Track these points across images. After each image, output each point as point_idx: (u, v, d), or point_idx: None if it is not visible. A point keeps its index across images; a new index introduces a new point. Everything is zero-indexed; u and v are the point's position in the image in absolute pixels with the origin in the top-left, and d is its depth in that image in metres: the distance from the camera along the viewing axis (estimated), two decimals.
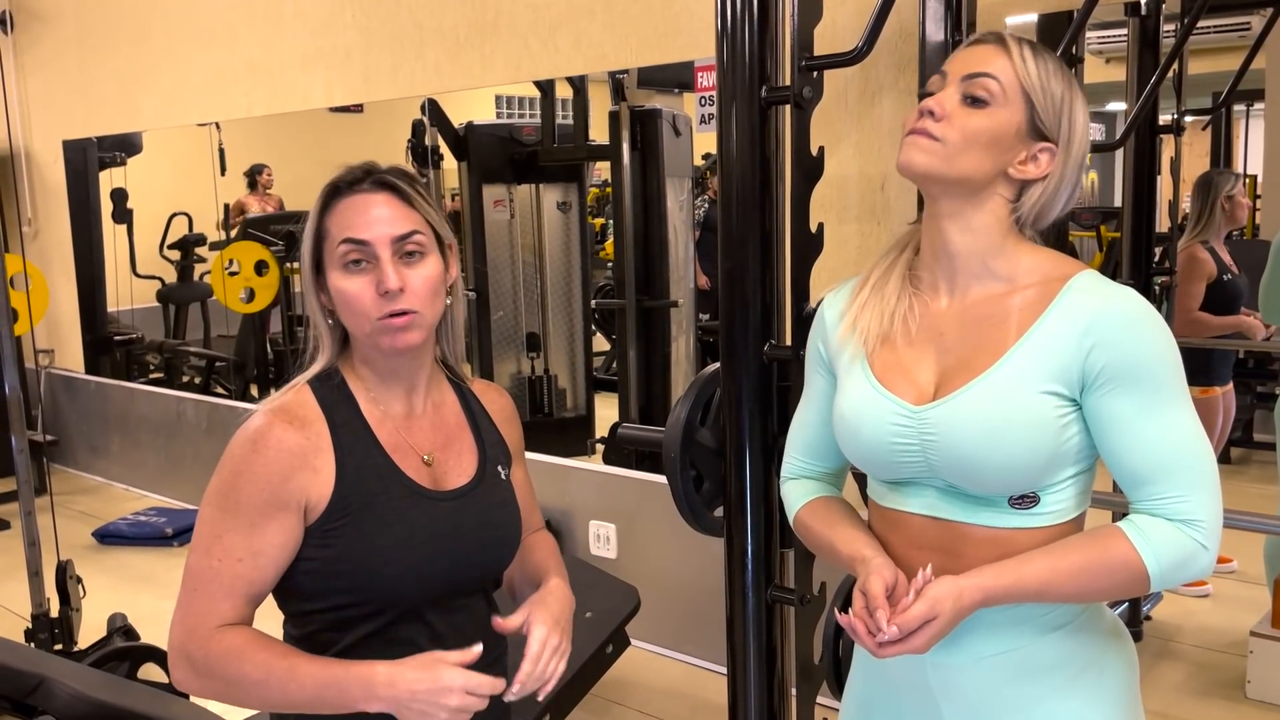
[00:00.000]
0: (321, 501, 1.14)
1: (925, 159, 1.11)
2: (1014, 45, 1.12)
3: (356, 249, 1.15)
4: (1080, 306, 1.09)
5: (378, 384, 1.22)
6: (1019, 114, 1.11)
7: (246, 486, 1.13)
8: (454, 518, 1.21)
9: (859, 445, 1.19)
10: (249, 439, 1.15)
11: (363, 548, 1.15)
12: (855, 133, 2.62)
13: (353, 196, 1.18)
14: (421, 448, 1.23)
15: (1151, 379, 1.07)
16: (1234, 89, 3.14)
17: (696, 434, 1.82)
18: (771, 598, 1.77)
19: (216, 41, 4.29)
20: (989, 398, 1.09)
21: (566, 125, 5.19)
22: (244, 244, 5.13)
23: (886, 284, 1.21)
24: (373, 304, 1.15)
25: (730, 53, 1.68)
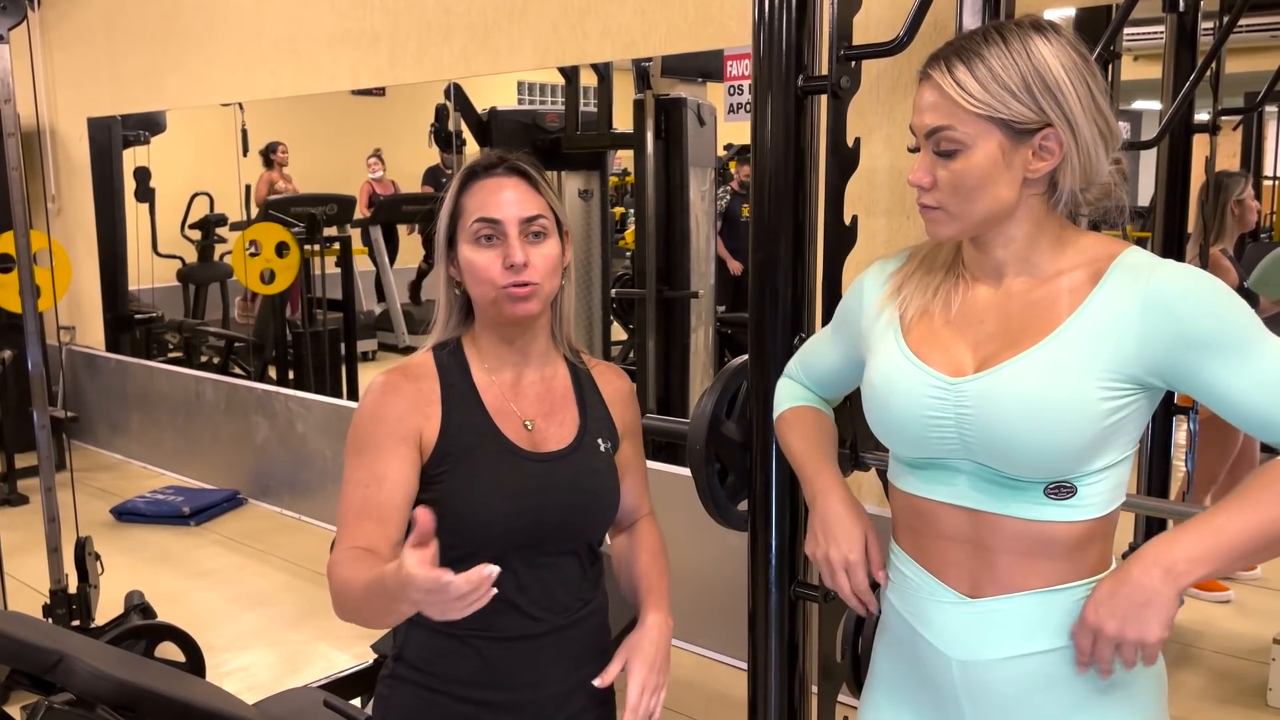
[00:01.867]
0: (429, 447, 1.28)
1: (945, 229, 1.13)
2: (944, 76, 1.06)
3: (488, 226, 1.29)
4: (1133, 283, 1.06)
5: (492, 352, 1.35)
6: (994, 137, 1.06)
7: (369, 424, 1.28)
8: (543, 478, 1.32)
9: (888, 418, 1.16)
10: (373, 389, 1.31)
11: (457, 494, 1.27)
12: (886, 125, 2.59)
13: (487, 180, 1.31)
14: (524, 413, 1.34)
15: (1229, 333, 1.03)
16: (1271, 89, 3.08)
17: (722, 426, 1.80)
18: (795, 594, 1.75)
19: (244, 21, 4.28)
20: (1034, 374, 1.06)
21: (589, 113, 5.17)
22: (265, 225, 5.14)
23: (935, 260, 1.20)
24: (499, 274, 1.28)
25: (767, 41, 1.65)
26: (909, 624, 1.20)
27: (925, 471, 1.16)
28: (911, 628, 1.19)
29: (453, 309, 1.36)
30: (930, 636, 1.17)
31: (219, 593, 3.66)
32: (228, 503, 4.50)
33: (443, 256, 1.34)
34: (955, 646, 1.15)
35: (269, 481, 4.51)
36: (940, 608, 1.16)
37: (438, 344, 1.35)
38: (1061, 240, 1.13)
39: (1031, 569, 1.11)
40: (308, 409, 4.34)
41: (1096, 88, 1.07)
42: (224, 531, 4.27)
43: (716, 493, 1.80)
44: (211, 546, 4.12)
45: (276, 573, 3.84)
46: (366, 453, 1.27)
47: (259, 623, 3.42)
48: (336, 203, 6.67)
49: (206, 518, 4.36)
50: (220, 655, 3.10)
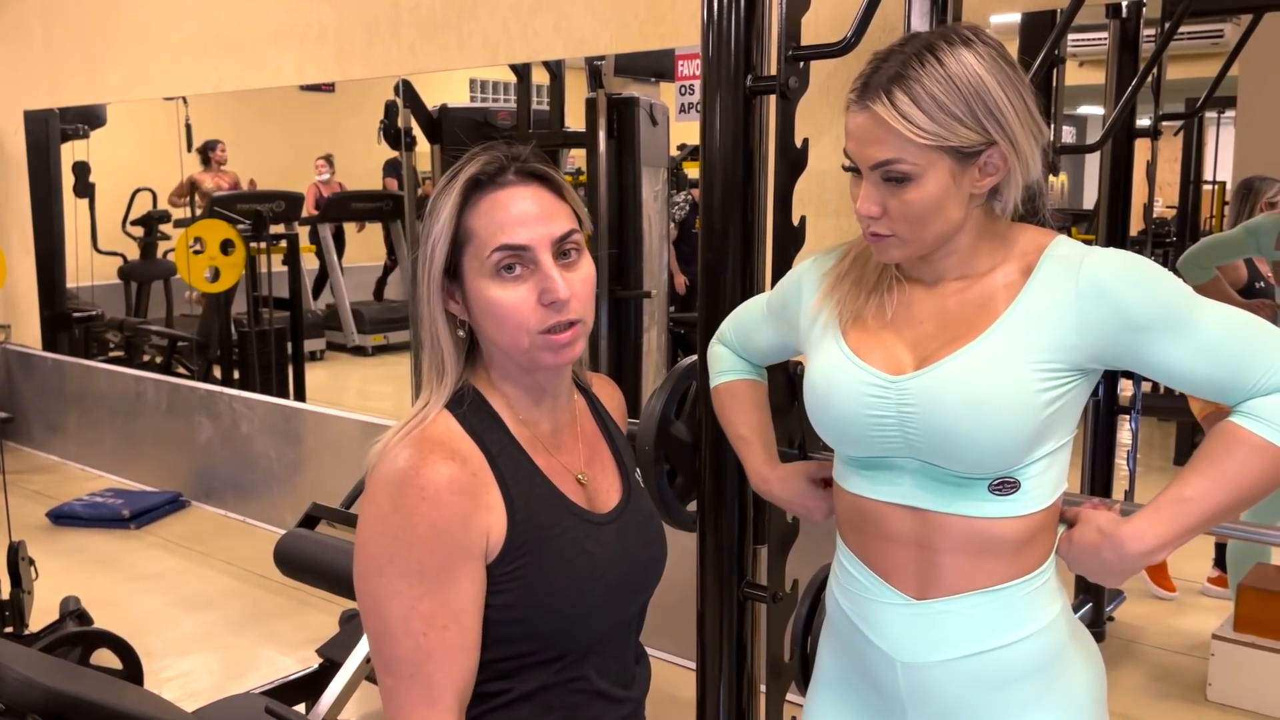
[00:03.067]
0: (497, 544, 1.01)
1: (898, 254, 1.12)
2: (888, 110, 1.03)
3: (514, 255, 1.02)
4: (1065, 272, 1.07)
5: (524, 402, 1.09)
6: (943, 164, 1.05)
7: (425, 541, 0.98)
8: (620, 540, 1.11)
9: (830, 418, 1.16)
10: (408, 485, 0.98)
11: (544, 590, 1.03)
12: (835, 126, 2.58)
13: (498, 192, 1.04)
14: (573, 467, 1.12)
15: (1165, 310, 1.05)
16: (1210, 95, 3.15)
17: (671, 427, 1.79)
18: (743, 594, 1.75)
19: (186, 14, 4.20)
20: (974, 368, 1.07)
21: (541, 111, 5.14)
22: (210, 222, 5.03)
23: (868, 261, 1.19)
24: (534, 315, 1.02)
25: (716, 41, 1.64)
26: (854, 625, 1.20)
27: (870, 472, 1.16)
28: (856, 628, 1.19)
29: (458, 355, 1.07)
30: (875, 638, 1.17)
31: (159, 597, 3.58)
32: (169, 505, 4.40)
33: (438, 290, 1.05)
34: (900, 649, 1.15)
35: (212, 483, 4.42)
36: (886, 610, 1.16)
37: (451, 400, 1.06)
38: (995, 237, 1.14)
39: (978, 568, 1.11)
40: (252, 409, 4.26)
41: (1026, 95, 1.08)
42: (165, 534, 4.18)
43: (665, 494, 1.79)
44: (152, 550, 4.03)
45: (220, 576, 3.77)
46: (430, 579, 0.98)
47: (201, 627, 3.35)
48: (284, 200, 6.58)
49: (147, 520, 4.27)
50: (159, 661, 3.04)
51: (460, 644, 1.00)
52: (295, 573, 2.42)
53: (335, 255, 7.89)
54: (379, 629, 1.00)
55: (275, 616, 3.38)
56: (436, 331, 1.06)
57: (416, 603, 0.98)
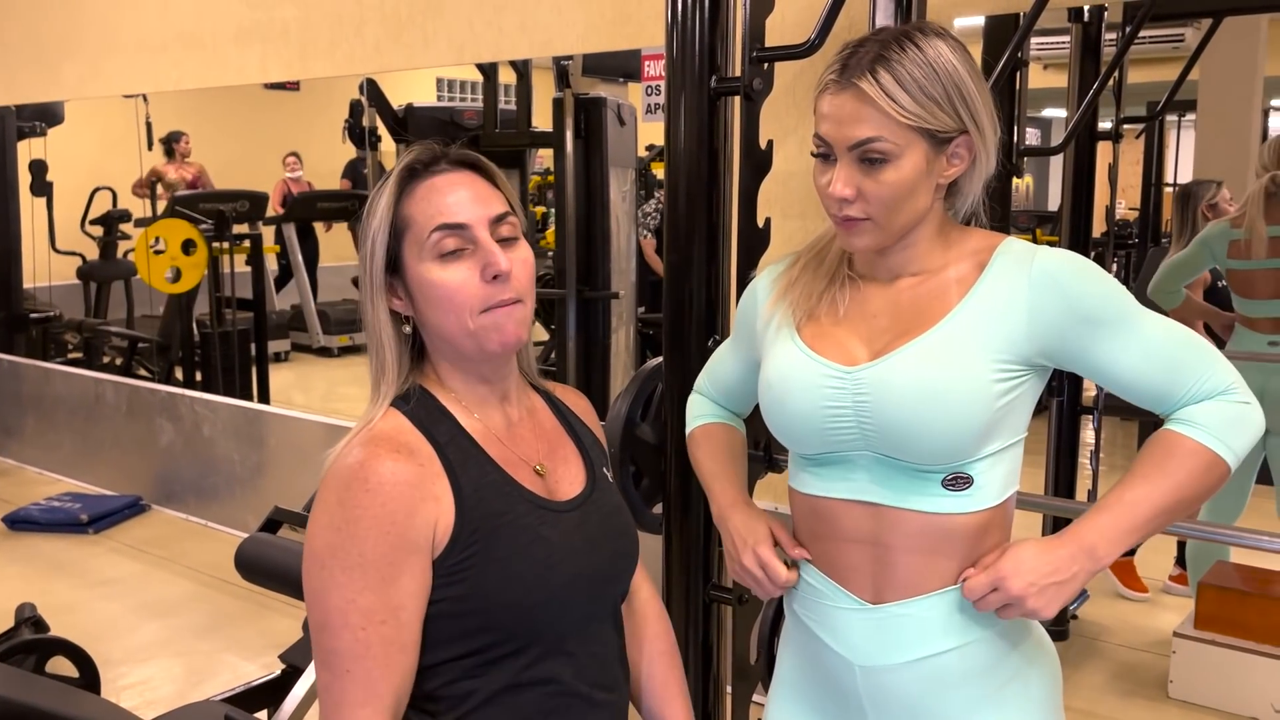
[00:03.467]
0: (445, 534, 1.01)
1: (869, 240, 1.11)
2: (873, 87, 1.04)
3: (453, 234, 1.03)
4: (1017, 267, 1.10)
5: (470, 395, 1.09)
6: (920, 147, 1.07)
7: (367, 534, 0.97)
8: (581, 529, 1.10)
9: (787, 414, 1.16)
10: (355, 479, 0.99)
11: (498, 577, 1.02)
12: (801, 128, 2.60)
13: (433, 179, 1.05)
14: (530, 458, 1.11)
15: (1112, 307, 1.08)
16: (1171, 98, 3.19)
17: (637, 429, 1.79)
18: (709, 597, 1.75)
19: (146, 10, 4.13)
20: (927, 359, 1.08)
21: (509, 111, 5.12)
22: (171, 222, 4.96)
23: (821, 263, 1.20)
24: (478, 293, 1.03)
25: (680, 42, 1.64)
26: (811, 630, 1.20)
27: (825, 469, 1.16)
28: (814, 634, 1.19)
29: (403, 352, 1.07)
30: (832, 643, 1.17)
31: (119, 603, 3.52)
32: (129, 509, 4.33)
33: (381, 288, 1.05)
34: (857, 653, 1.15)
35: (173, 487, 4.36)
36: (842, 614, 1.16)
37: (395, 400, 1.06)
38: (948, 237, 1.16)
39: (932, 568, 1.12)
40: (214, 411, 4.21)
41: (988, 92, 1.12)
42: (125, 539, 4.12)
43: (631, 496, 1.78)
44: (111, 555, 3.97)
45: (181, 581, 3.71)
46: (372, 572, 0.97)
47: (161, 633, 3.29)
48: (248, 199, 6.51)
49: (106, 525, 4.20)
50: (118, 669, 2.98)
51: (398, 640, 0.99)
52: (257, 577, 2.38)
53: (300, 255, 7.82)
54: (319, 621, 1.00)
55: (237, 622, 3.33)
56: (380, 330, 1.07)
57: (356, 596, 0.98)
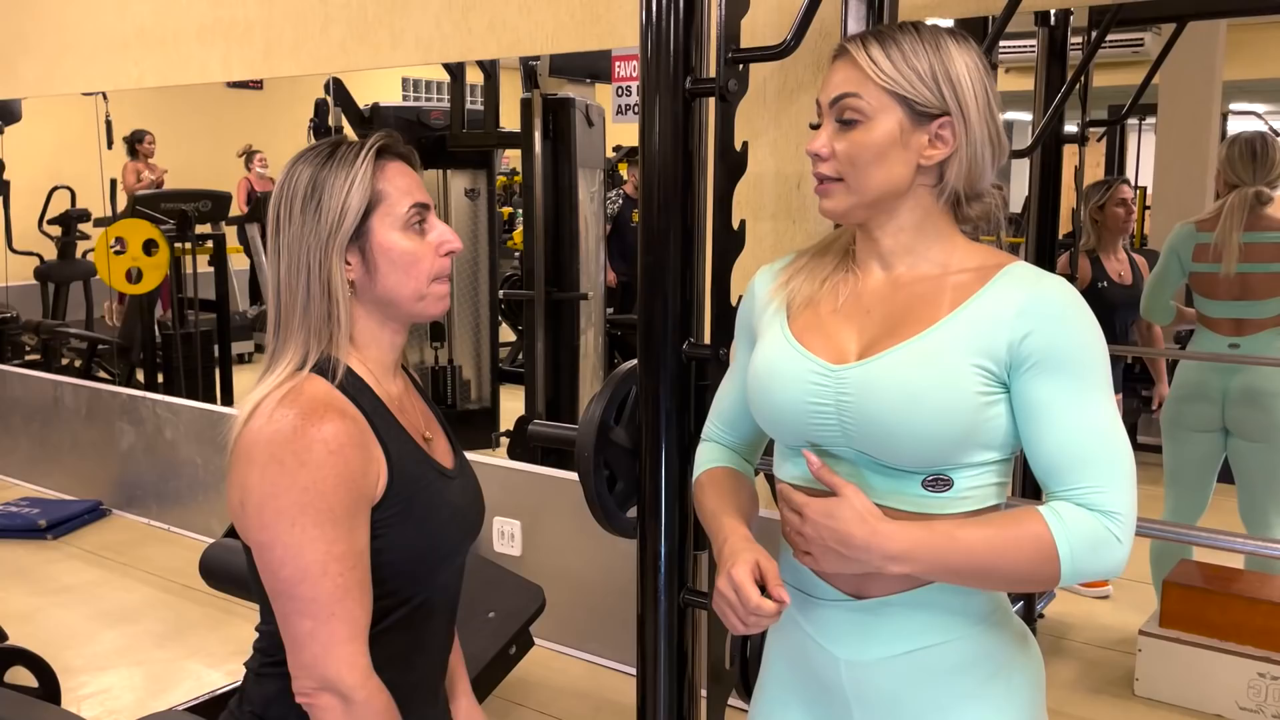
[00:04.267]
0: (381, 490, 1.13)
1: (836, 201, 1.14)
2: (860, 51, 1.12)
3: (422, 212, 1.18)
4: (1015, 289, 1.10)
5: (377, 361, 1.20)
6: (895, 114, 1.10)
7: (334, 490, 1.08)
8: (463, 494, 1.24)
9: (771, 405, 1.17)
10: (312, 441, 1.07)
11: (415, 533, 1.15)
12: (773, 130, 2.60)
13: (397, 161, 1.19)
14: (418, 428, 1.23)
15: (1079, 366, 1.07)
16: (1135, 103, 3.23)
17: (611, 433, 1.78)
18: (684, 601, 1.74)
19: (104, 7, 4.05)
20: (912, 362, 1.09)
21: (476, 111, 5.08)
22: (132, 221, 4.88)
23: (825, 254, 1.23)
24: (432, 264, 1.18)
25: (655, 42, 1.63)
26: (797, 622, 1.21)
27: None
28: (800, 626, 1.20)
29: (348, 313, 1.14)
30: (817, 636, 1.18)
31: (78, 610, 3.45)
32: (89, 514, 4.25)
33: (338, 250, 1.13)
34: (841, 647, 1.16)
35: (135, 491, 4.28)
36: (826, 608, 1.17)
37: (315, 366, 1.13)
38: (952, 242, 1.16)
39: None
40: (176, 414, 4.13)
41: (993, 98, 1.14)
42: (85, 545, 4.04)
43: (605, 500, 1.77)
44: (70, 561, 3.89)
45: (143, 587, 3.64)
46: (342, 524, 1.08)
47: (122, 641, 3.23)
48: (210, 199, 6.42)
49: (65, 530, 4.11)
50: (78, 678, 2.92)
51: (365, 581, 1.11)
52: (222, 584, 2.35)
53: (265, 255, 7.71)
54: (295, 576, 1.08)
55: (201, 628, 3.28)
56: (337, 291, 1.14)
57: (331, 547, 1.07)
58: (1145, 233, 6.79)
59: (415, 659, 1.21)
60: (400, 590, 1.16)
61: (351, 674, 1.09)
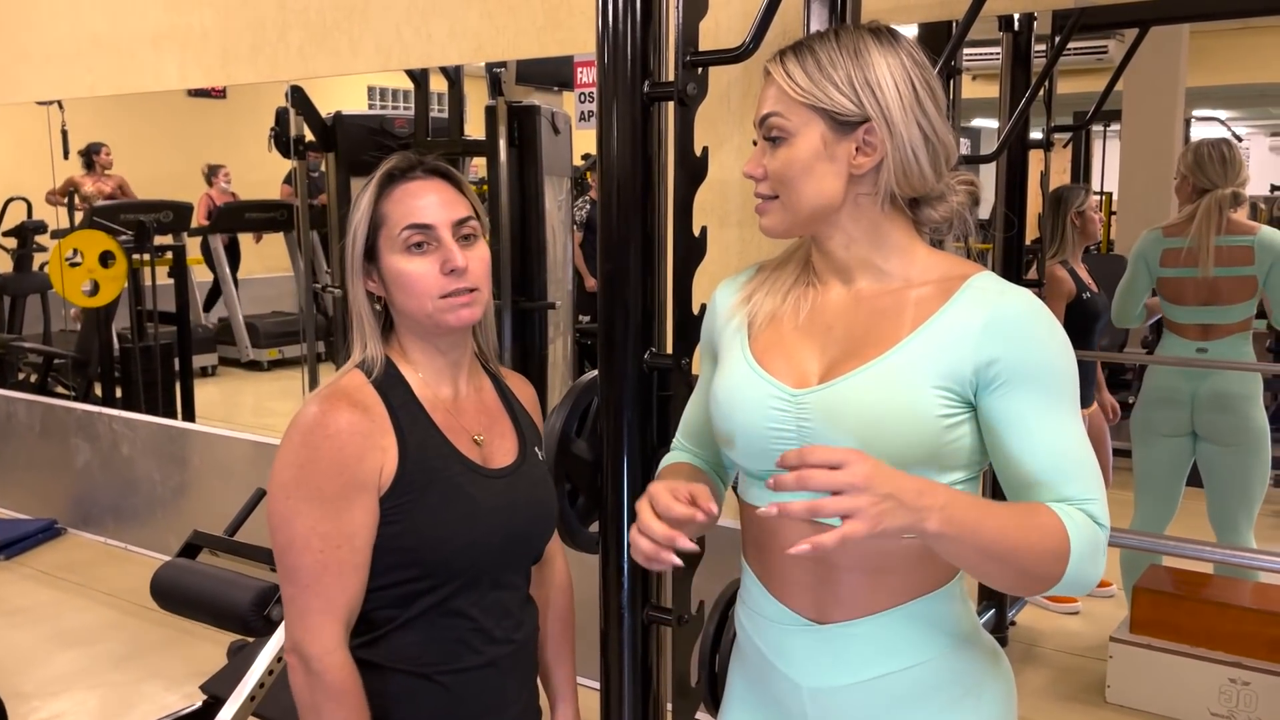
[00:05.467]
0: (388, 479, 1.20)
1: (773, 219, 1.13)
2: (777, 69, 1.10)
3: (420, 232, 1.22)
4: (979, 303, 1.05)
5: (428, 367, 1.28)
6: (816, 127, 1.07)
7: (325, 473, 1.17)
8: (507, 494, 1.29)
9: (732, 429, 1.14)
10: (315, 425, 1.19)
11: (428, 521, 1.21)
12: (737, 135, 2.57)
13: (408, 183, 1.24)
14: (471, 429, 1.29)
15: (1050, 379, 1.04)
16: (1099, 108, 3.24)
17: (572, 445, 1.73)
18: (648, 618, 1.69)
19: (58, 13, 3.97)
20: (874, 386, 1.05)
21: (441, 119, 5.03)
22: (88, 233, 4.78)
23: (785, 266, 1.19)
24: (436, 283, 1.22)
25: (612, 47, 1.59)
26: (758, 648, 1.17)
27: None
28: (761, 652, 1.16)
29: (375, 326, 1.27)
30: (779, 663, 1.14)
31: (31, 632, 3.35)
32: (43, 533, 4.15)
33: (359, 271, 1.25)
34: (804, 674, 1.12)
35: (91, 509, 4.18)
36: (788, 634, 1.13)
37: (361, 363, 1.26)
38: (911, 251, 1.12)
39: (878, 586, 1.08)
40: (133, 430, 4.04)
41: (925, 94, 1.08)
42: (39, 565, 3.94)
43: (567, 515, 1.72)
44: (23, 582, 3.79)
45: (99, 608, 3.55)
46: (330, 505, 1.17)
47: (77, 664, 3.14)
48: (171, 210, 6.32)
49: (19, 550, 4.01)
50: (30, 703, 2.83)
51: (351, 561, 1.18)
52: (175, 606, 2.28)
53: (228, 267, 7.60)
54: (284, 543, 1.19)
55: (158, 650, 3.20)
56: (359, 306, 1.26)
57: (316, 523, 1.17)
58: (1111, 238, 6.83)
59: (475, 641, 1.26)
60: (422, 578, 1.22)
61: (314, 644, 1.17)
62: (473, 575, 1.26)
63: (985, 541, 0.97)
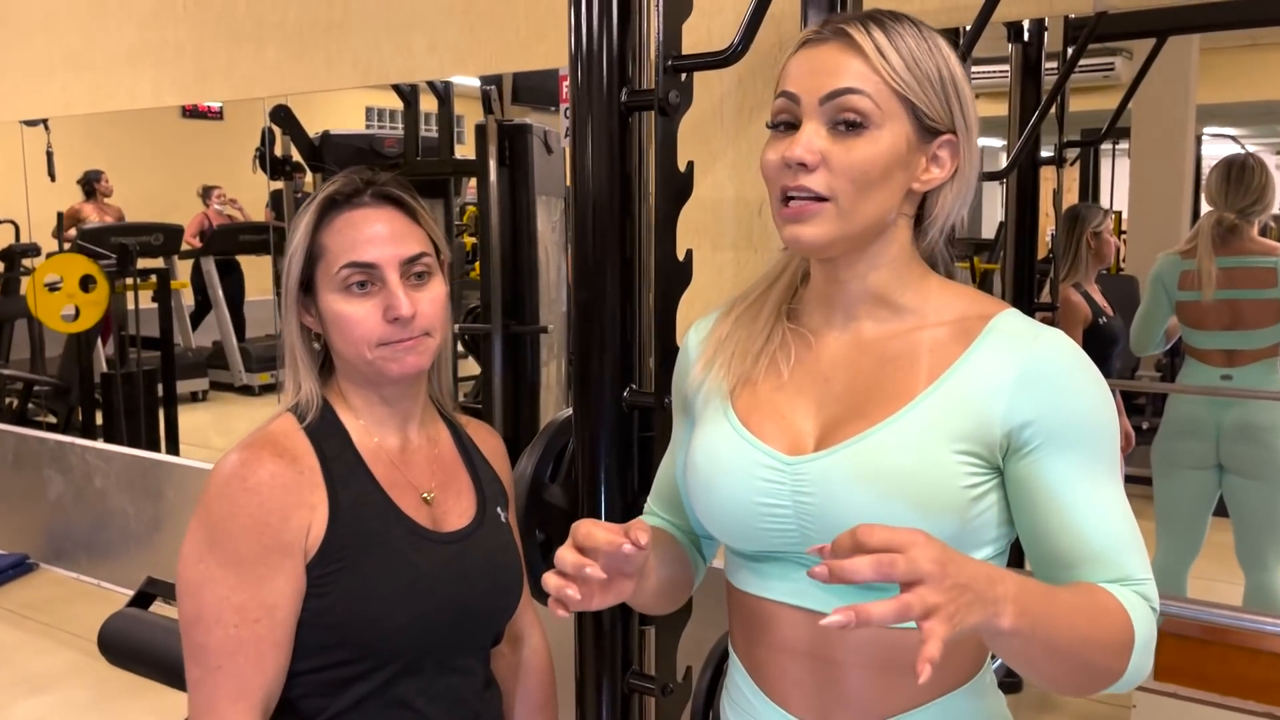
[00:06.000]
0: (317, 542, 1.05)
1: (820, 229, 0.87)
2: (863, 37, 0.87)
3: (361, 272, 1.07)
4: (1009, 351, 0.88)
5: (370, 414, 1.13)
6: (903, 125, 0.88)
7: (243, 533, 1.02)
8: (459, 562, 1.13)
9: (713, 504, 0.94)
10: (233, 476, 1.04)
11: (362, 595, 1.05)
12: (731, 152, 2.42)
13: (352, 212, 1.09)
14: (420, 485, 1.14)
15: (1094, 441, 0.87)
16: (1113, 125, 3.10)
17: (545, 492, 1.57)
18: (629, 686, 1.52)
19: (30, 30, 3.85)
20: (886, 453, 0.87)
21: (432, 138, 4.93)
22: (67, 257, 4.66)
23: (757, 318, 0.98)
24: (376, 330, 1.07)
25: (586, 51, 1.44)
26: None
27: (761, 565, 0.95)
28: None
29: (310, 366, 1.13)
30: None
31: None
32: (14, 569, 3.99)
33: (294, 303, 1.11)
34: None
35: (64, 544, 4.02)
36: None
37: (295, 406, 1.11)
38: (925, 285, 0.95)
39: (889, 686, 0.91)
40: (108, 462, 3.89)
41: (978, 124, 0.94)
42: (8, 603, 3.77)
43: (538, 568, 1.56)
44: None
45: (65, 650, 3.38)
46: (246, 571, 1.01)
47: (36, 713, 2.98)
48: (162, 232, 6.22)
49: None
50: None
51: (270, 638, 1.02)
52: (124, 661, 2.10)
53: (220, 290, 7.48)
54: (191, 615, 1.02)
55: (123, 696, 3.02)
56: (293, 342, 1.12)
57: (230, 593, 1.01)
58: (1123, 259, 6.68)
59: None
60: (356, 660, 1.06)
61: None
62: (416, 658, 1.09)
63: (1055, 635, 0.78)
